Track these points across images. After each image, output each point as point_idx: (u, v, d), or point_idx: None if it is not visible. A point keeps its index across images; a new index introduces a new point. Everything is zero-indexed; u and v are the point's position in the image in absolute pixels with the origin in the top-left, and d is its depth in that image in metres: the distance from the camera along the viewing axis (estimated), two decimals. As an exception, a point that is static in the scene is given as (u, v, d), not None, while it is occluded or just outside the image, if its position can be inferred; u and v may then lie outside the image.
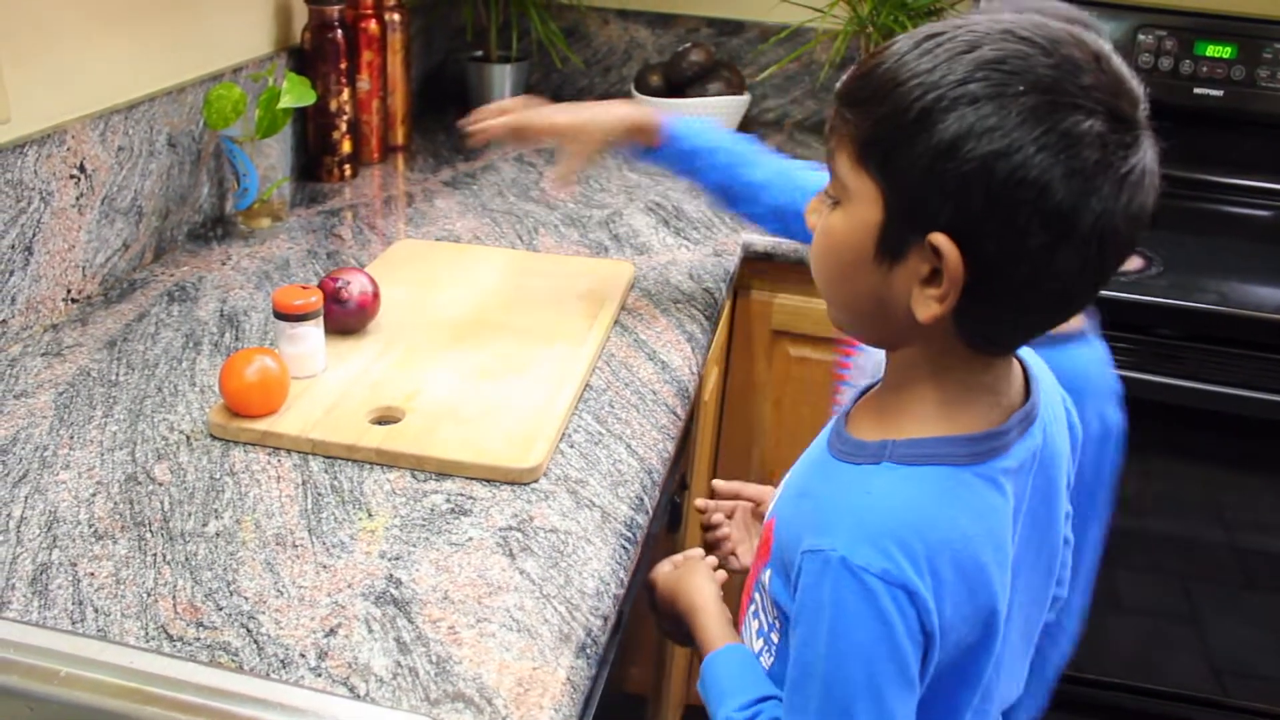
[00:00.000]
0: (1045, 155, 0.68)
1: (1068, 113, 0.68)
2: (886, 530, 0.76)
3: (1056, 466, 0.86)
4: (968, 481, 0.78)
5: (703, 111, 2.07)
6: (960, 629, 0.78)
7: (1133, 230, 0.71)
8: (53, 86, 1.27)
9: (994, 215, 0.69)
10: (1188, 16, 2.02)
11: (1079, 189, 0.68)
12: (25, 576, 0.87)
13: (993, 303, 0.73)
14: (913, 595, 0.75)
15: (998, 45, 0.70)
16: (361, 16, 1.83)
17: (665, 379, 1.24)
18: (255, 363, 1.07)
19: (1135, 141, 0.70)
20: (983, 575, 0.78)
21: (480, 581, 0.89)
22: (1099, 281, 0.74)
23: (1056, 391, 0.89)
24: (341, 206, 1.71)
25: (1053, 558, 0.90)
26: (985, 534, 0.78)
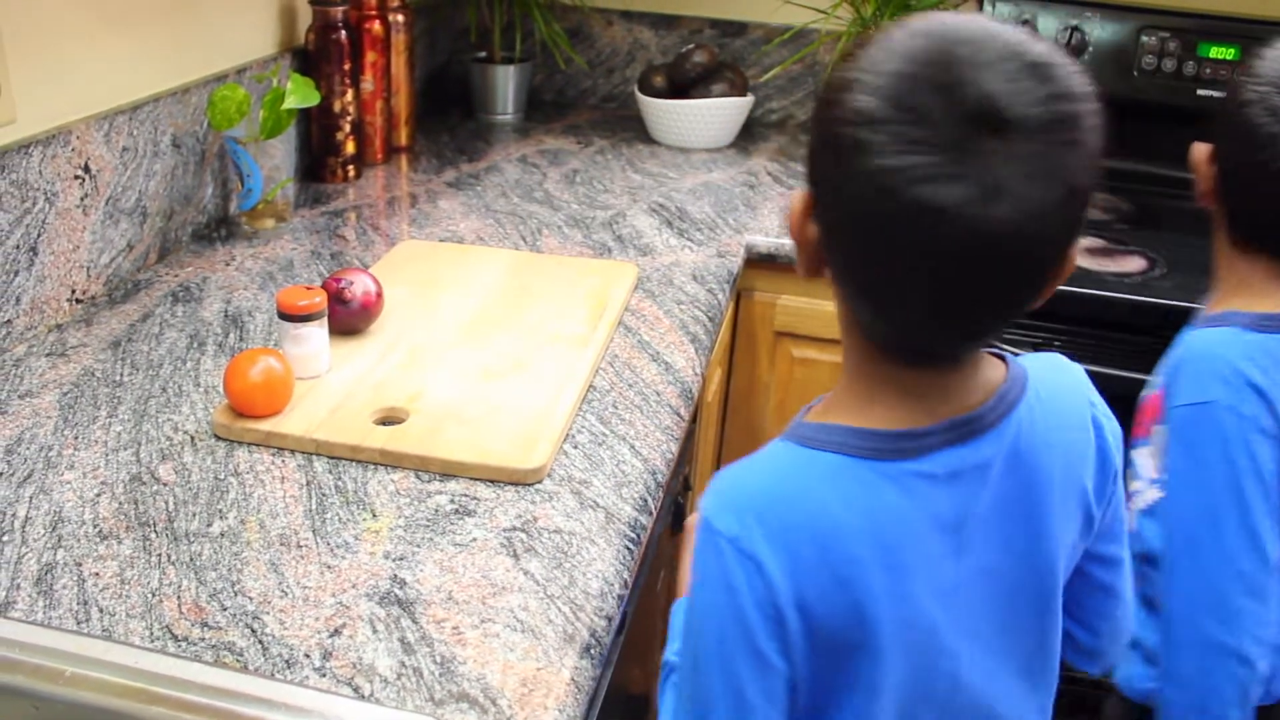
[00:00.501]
0: (884, 160, 0.68)
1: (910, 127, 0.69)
2: (747, 499, 0.78)
3: (1041, 489, 0.82)
4: (860, 475, 0.77)
5: (706, 112, 2.07)
6: (828, 619, 0.77)
7: (970, 265, 0.69)
8: (57, 87, 1.27)
9: (841, 215, 0.74)
10: (1190, 18, 2.01)
11: (920, 199, 0.68)
12: (30, 576, 0.87)
13: (855, 297, 0.78)
14: (760, 567, 0.76)
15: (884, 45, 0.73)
16: (365, 17, 1.83)
17: (669, 380, 1.25)
18: (259, 363, 1.07)
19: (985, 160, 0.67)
20: (854, 568, 0.76)
21: (484, 582, 0.90)
22: (972, 301, 0.72)
23: (1078, 408, 0.85)
24: (345, 207, 1.71)
25: (1043, 588, 0.85)
26: (866, 530, 0.77)
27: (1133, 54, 2.03)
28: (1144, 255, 1.76)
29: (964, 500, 0.80)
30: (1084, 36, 2.03)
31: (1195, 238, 1.90)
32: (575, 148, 2.08)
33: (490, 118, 2.25)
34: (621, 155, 2.06)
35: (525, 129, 2.20)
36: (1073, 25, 2.03)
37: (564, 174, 1.92)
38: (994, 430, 0.80)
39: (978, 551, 0.82)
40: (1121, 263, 1.73)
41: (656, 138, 2.15)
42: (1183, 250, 1.80)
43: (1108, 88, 2.19)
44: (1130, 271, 1.70)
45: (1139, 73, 2.03)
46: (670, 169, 1.99)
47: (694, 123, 2.09)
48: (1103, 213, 1.96)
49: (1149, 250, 1.78)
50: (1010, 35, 0.71)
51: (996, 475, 0.81)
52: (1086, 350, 1.66)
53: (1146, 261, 1.74)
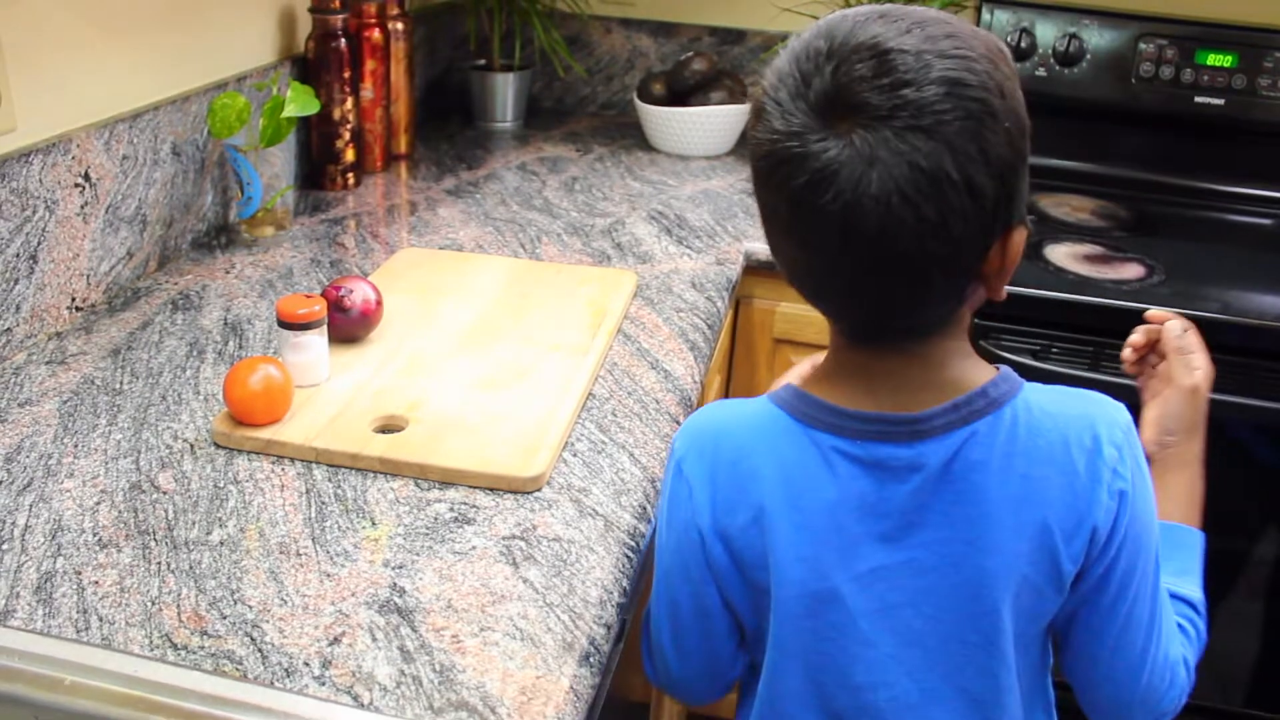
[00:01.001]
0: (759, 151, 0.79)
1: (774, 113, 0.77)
2: (701, 430, 0.90)
3: (987, 510, 0.81)
4: (792, 434, 0.85)
5: (705, 120, 2.08)
6: (746, 555, 0.86)
7: (836, 246, 0.75)
8: (57, 95, 1.28)
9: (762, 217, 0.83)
10: (1188, 25, 2.02)
11: (768, 184, 0.78)
12: (30, 585, 0.87)
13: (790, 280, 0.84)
14: (690, 490, 0.88)
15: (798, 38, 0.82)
16: (365, 25, 1.83)
17: (668, 388, 1.25)
18: (259, 371, 1.07)
19: (789, 160, 0.75)
20: (764, 515, 0.85)
21: (483, 590, 0.90)
22: (841, 288, 0.80)
23: (1063, 451, 0.82)
24: (345, 215, 1.71)
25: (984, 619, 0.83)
26: (780, 481, 0.84)
27: (1131, 61, 2.03)
28: (1142, 262, 1.76)
29: (890, 492, 0.82)
30: (1082, 44, 2.04)
31: (1193, 244, 1.91)
32: (574, 155, 2.09)
33: (490, 125, 2.25)
34: (620, 163, 2.06)
35: (524, 136, 2.21)
36: (1071, 32, 2.04)
37: (563, 181, 1.93)
38: (937, 437, 0.81)
39: (904, 547, 0.83)
40: (1120, 269, 1.73)
41: (655, 145, 2.15)
42: (1181, 257, 1.81)
43: (1104, 95, 2.20)
44: (1128, 278, 1.71)
45: (1137, 80, 2.04)
46: (669, 176, 1.99)
47: (693, 130, 2.09)
48: (1101, 220, 1.96)
49: (1147, 257, 1.78)
50: (892, 20, 0.75)
51: (929, 479, 0.82)
52: (1085, 357, 1.67)
53: (1145, 268, 1.74)
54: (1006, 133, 0.74)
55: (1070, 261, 1.75)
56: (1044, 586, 0.84)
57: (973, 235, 0.75)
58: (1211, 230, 2.00)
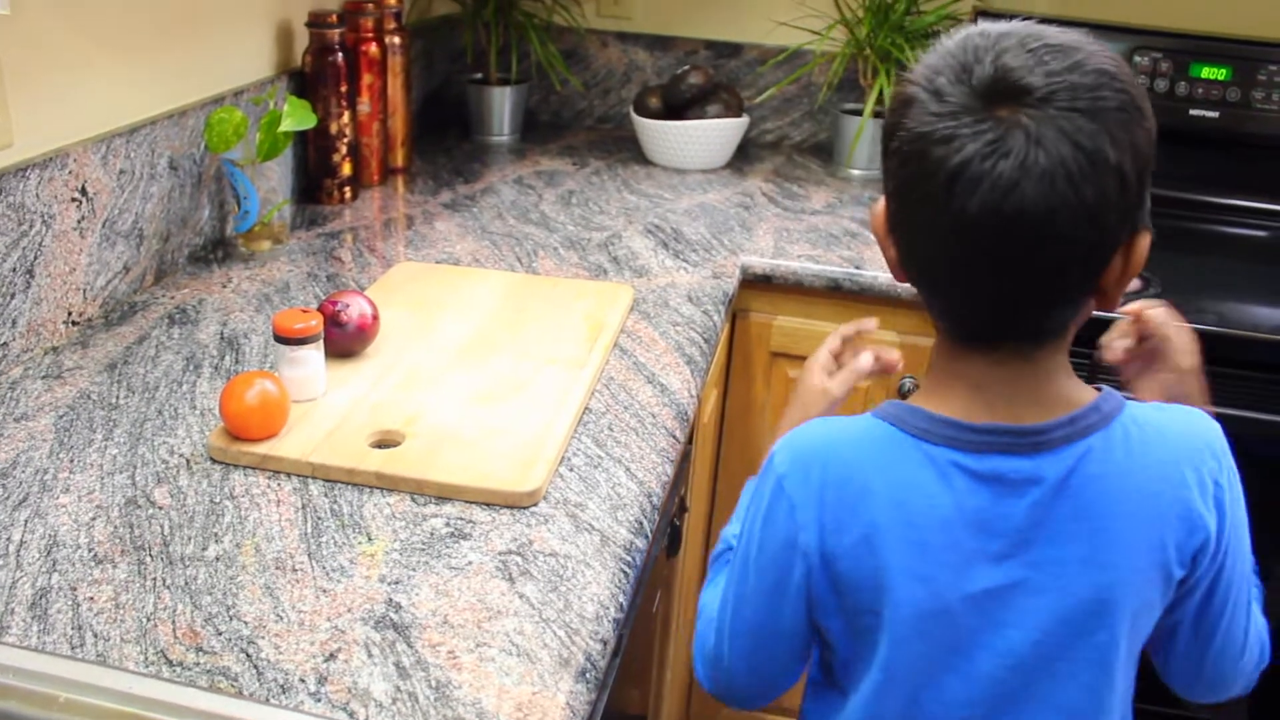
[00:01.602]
0: (898, 159, 0.79)
1: (928, 99, 0.77)
2: (806, 448, 0.87)
3: (1106, 526, 0.82)
4: (904, 449, 0.83)
5: (701, 133, 2.08)
6: (852, 576, 0.84)
7: (975, 229, 0.74)
8: (54, 110, 1.28)
9: (893, 207, 0.83)
10: (1183, 39, 2.03)
11: (912, 194, 0.78)
12: (24, 601, 0.87)
13: (911, 276, 0.84)
14: (793, 509, 0.85)
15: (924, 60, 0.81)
16: (362, 40, 1.84)
17: (664, 402, 1.25)
18: (255, 386, 1.07)
19: (950, 139, 0.74)
20: (876, 534, 0.82)
21: (480, 606, 0.89)
22: (988, 276, 0.77)
23: (1174, 468, 0.84)
24: (341, 229, 1.71)
25: (1101, 635, 0.84)
26: (891, 499, 0.82)
27: (1126, 75, 2.04)
28: (1138, 275, 1.76)
29: (1006, 507, 0.81)
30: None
31: (1189, 256, 1.91)
32: (571, 169, 2.09)
33: (486, 139, 2.26)
34: (617, 176, 2.06)
35: (521, 150, 2.21)
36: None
37: (560, 195, 1.93)
38: (1056, 450, 0.81)
39: (1018, 566, 0.82)
40: (1116, 283, 1.73)
41: (652, 159, 2.16)
42: (1177, 270, 1.81)
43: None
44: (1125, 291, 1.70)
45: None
46: (666, 190, 2.00)
47: (689, 144, 2.09)
48: (1097, 233, 1.97)
49: (1143, 270, 1.78)
50: (1038, 27, 0.77)
51: (1047, 494, 0.81)
52: (1082, 371, 1.66)
53: (1140, 281, 1.74)
54: (1148, 132, 0.76)
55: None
56: (1155, 602, 0.86)
57: (1116, 228, 0.76)
58: (1207, 243, 2.00)
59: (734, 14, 2.30)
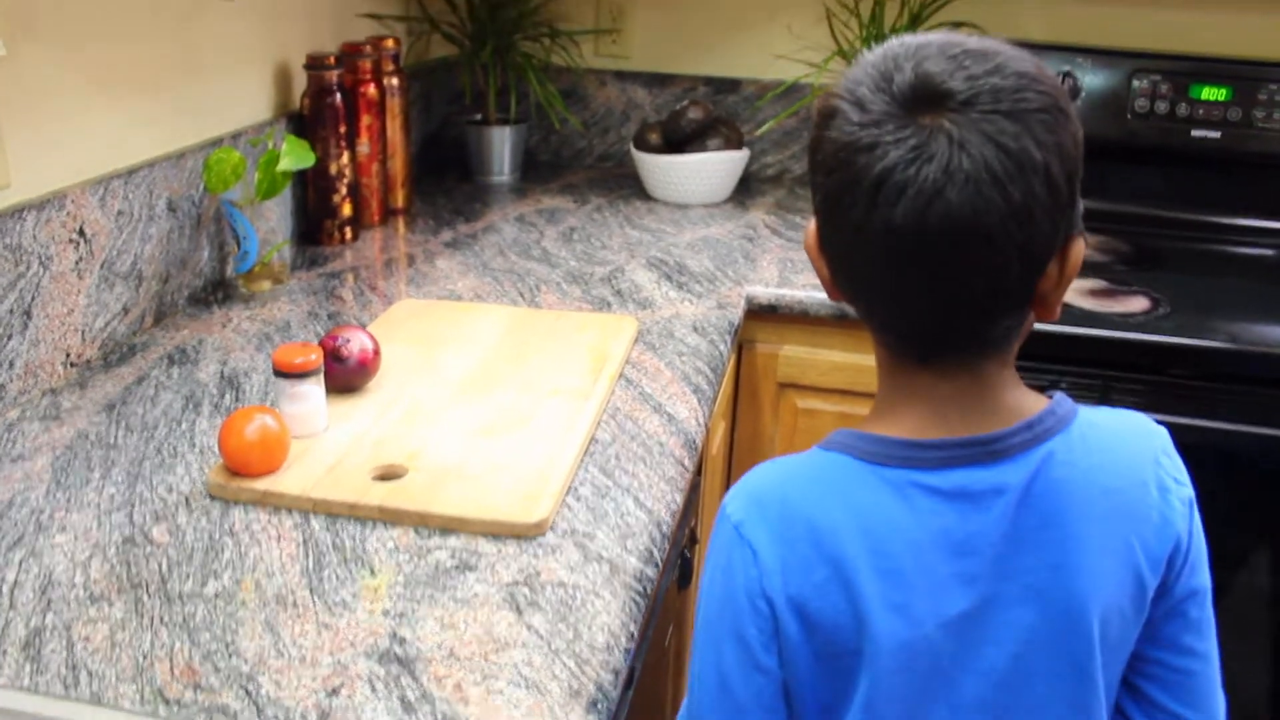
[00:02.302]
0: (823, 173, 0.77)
1: (850, 109, 0.76)
2: (759, 490, 0.83)
3: (1069, 530, 0.79)
4: (862, 476, 0.80)
5: (702, 168, 2.08)
6: (825, 617, 0.79)
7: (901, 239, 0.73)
8: (52, 151, 1.27)
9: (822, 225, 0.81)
10: (1182, 60, 2.02)
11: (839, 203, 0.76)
12: (17, 641, 0.84)
13: (850, 296, 0.82)
14: (755, 554, 0.80)
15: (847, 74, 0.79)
16: (360, 81, 1.84)
17: (672, 431, 1.23)
18: (255, 421, 1.05)
19: (873, 147, 0.73)
20: (847, 568, 0.78)
21: (487, 638, 0.87)
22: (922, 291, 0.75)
23: (1139, 464, 0.83)
24: (342, 269, 1.70)
25: (1077, 646, 0.81)
26: (858, 530, 0.78)
27: (1125, 97, 2.04)
28: (1147, 295, 1.75)
29: (976, 524, 0.78)
30: (1076, 81, 2.04)
31: (1196, 277, 1.90)
32: (572, 206, 2.08)
33: (487, 179, 2.25)
34: (619, 212, 2.05)
35: (522, 189, 2.20)
36: (1065, 70, 2.04)
37: (561, 232, 1.92)
38: (1015, 457, 0.78)
39: (990, 582, 0.79)
40: (1125, 303, 1.72)
41: (653, 194, 2.15)
42: (1185, 289, 1.79)
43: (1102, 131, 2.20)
44: (1134, 311, 1.69)
45: (1132, 115, 2.04)
46: (668, 224, 1.99)
47: (690, 178, 2.09)
48: (1103, 254, 1.95)
49: (1152, 290, 1.77)
50: (958, 35, 0.77)
51: (1012, 504, 0.78)
52: (1094, 391, 1.64)
53: (1150, 301, 1.73)
54: (1074, 134, 0.75)
55: (1075, 296, 1.74)
56: (1128, 610, 0.83)
57: (1049, 231, 0.74)
58: (1214, 262, 1.98)
59: (731, 49, 2.30)
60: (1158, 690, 0.87)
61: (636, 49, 2.35)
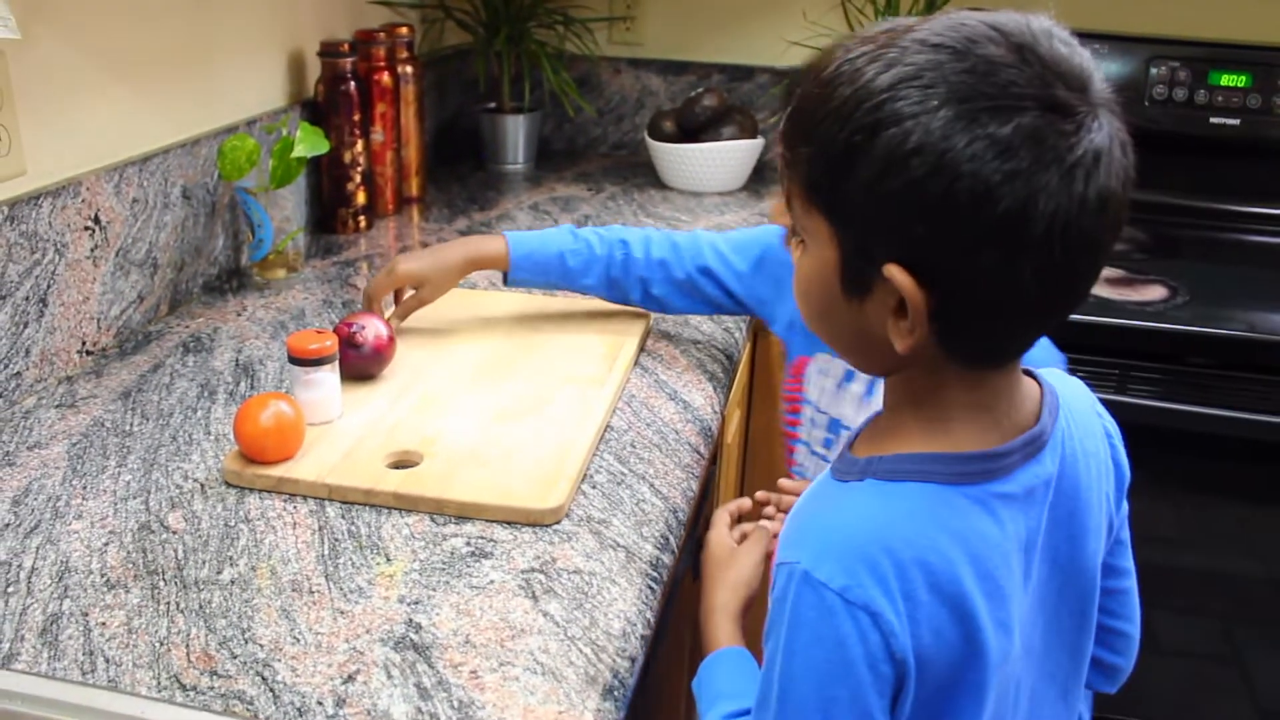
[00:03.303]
0: (975, 165, 0.64)
1: (990, 116, 0.65)
2: (854, 546, 0.72)
3: (1081, 499, 0.80)
4: (952, 501, 0.73)
5: (717, 156, 2.07)
6: (942, 657, 0.72)
7: (1099, 220, 0.67)
8: (67, 139, 1.27)
9: (939, 237, 0.66)
10: (1200, 47, 2.01)
11: (1021, 193, 0.64)
12: (35, 628, 0.85)
13: (968, 322, 0.70)
14: (875, 617, 0.70)
15: (910, 60, 0.67)
16: (375, 69, 1.83)
17: (688, 418, 1.22)
18: (270, 408, 1.05)
19: (1079, 127, 0.66)
20: (966, 604, 0.72)
21: (503, 624, 0.87)
22: (1078, 283, 0.71)
23: (1092, 418, 0.84)
24: (357, 257, 1.70)
25: (1083, 600, 0.84)
26: (968, 558, 0.73)
27: (1143, 84, 2.02)
28: (1164, 284, 1.74)
29: (1035, 519, 0.78)
30: (1094, 69, 2.02)
31: (1214, 265, 1.88)
32: (587, 194, 2.08)
33: (501, 167, 2.25)
34: (633, 200, 2.05)
35: (536, 178, 2.20)
36: (1082, 58, 2.03)
37: (576, 220, 1.91)
38: (1050, 443, 0.78)
39: (1034, 567, 0.79)
40: (1143, 291, 1.71)
41: (668, 182, 2.14)
42: (1203, 278, 1.78)
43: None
44: (1152, 300, 1.68)
45: (1150, 103, 2.02)
46: (682, 213, 1.98)
47: (705, 166, 2.08)
48: (1120, 242, 1.94)
49: (1169, 278, 1.76)
50: (1015, 23, 0.69)
51: (1053, 490, 0.78)
52: (1111, 380, 1.63)
53: (1168, 290, 1.72)
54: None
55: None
56: (1103, 553, 0.86)
57: None
58: (1231, 250, 1.97)
59: (745, 37, 2.29)
60: (1103, 615, 0.90)
61: (650, 36, 2.34)
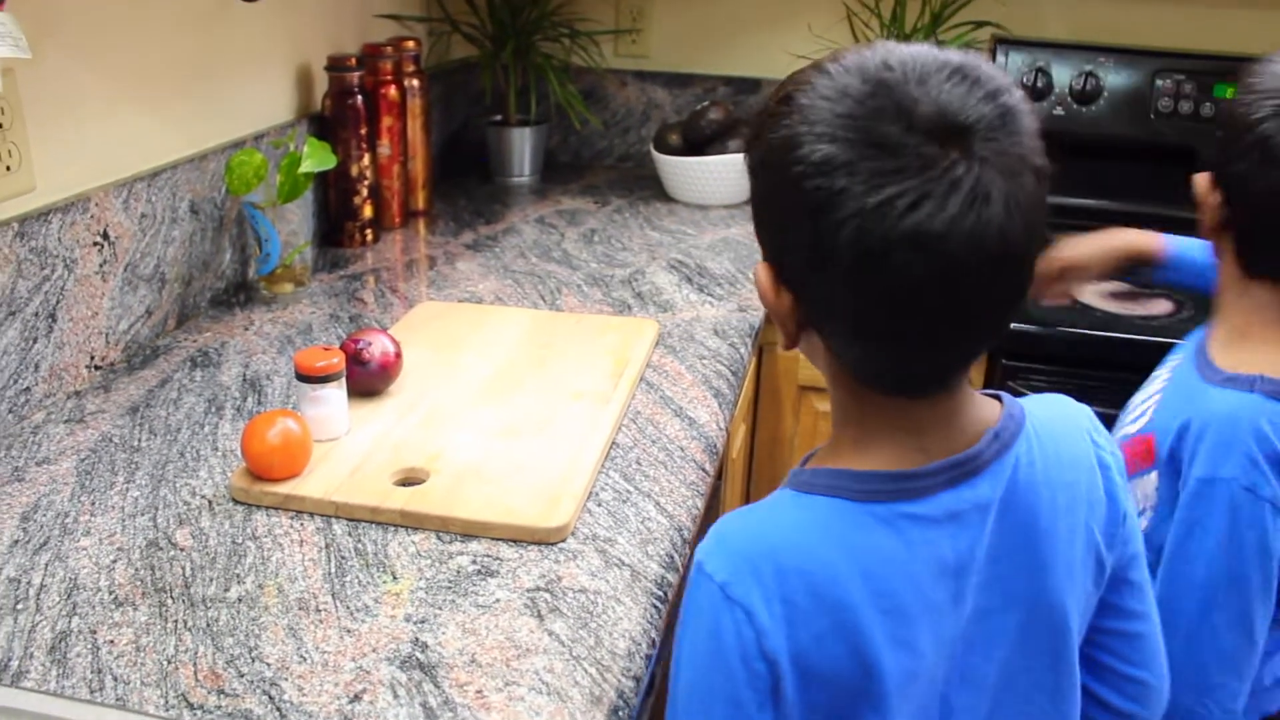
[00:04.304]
0: (813, 182, 0.69)
1: (845, 148, 0.68)
2: (743, 547, 0.77)
3: (1041, 530, 0.79)
4: (852, 516, 0.76)
5: (723, 169, 2.07)
6: (827, 667, 0.75)
7: (925, 257, 0.67)
8: (76, 154, 1.28)
9: (783, 242, 0.75)
10: (1204, 60, 2.01)
11: (838, 218, 0.68)
12: (44, 645, 0.85)
13: (845, 343, 0.75)
14: (750, 615, 0.74)
15: (814, 90, 0.71)
16: (381, 83, 1.84)
17: (693, 435, 1.22)
18: (277, 425, 1.05)
19: (911, 169, 0.67)
20: (849, 614, 0.75)
21: (508, 644, 0.87)
22: (936, 319, 0.71)
23: (1078, 448, 0.83)
24: (363, 271, 1.70)
25: (1054, 638, 0.82)
26: (858, 572, 0.75)
27: (1148, 97, 2.02)
28: (1169, 298, 1.74)
29: (964, 543, 0.78)
30: (1099, 81, 2.03)
31: (1222, 280, 1.88)
32: (593, 207, 2.08)
33: (507, 180, 2.26)
34: (639, 213, 2.05)
35: (542, 190, 2.21)
36: (1087, 70, 2.03)
37: (582, 233, 1.92)
38: (990, 469, 0.78)
39: (978, 597, 0.79)
40: (1148, 306, 1.71)
41: (674, 195, 2.15)
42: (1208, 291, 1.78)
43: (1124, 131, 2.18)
44: (1157, 314, 1.68)
45: (1155, 115, 2.02)
46: (688, 225, 1.99)
47: (711, 179, 2.08)
48: (1126, 257, 1.94)
49: (1174, 293, 1.76)
50: (922, 51, 0.72)
51: (993, 517, 0.78)
52: (1116, 394, 1.63)
53: (1173, 304, 1.72)
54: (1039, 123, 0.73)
55: (1098, 299, 1.73)
56: (1091, 590, 0.85)
57: (1046, 236, 0.73)
58: (1239, 266, 1.97)
59: (751, 49, 2.30)
60: (1111, 658, 0.90)
61: (656, 49, 2.35)
